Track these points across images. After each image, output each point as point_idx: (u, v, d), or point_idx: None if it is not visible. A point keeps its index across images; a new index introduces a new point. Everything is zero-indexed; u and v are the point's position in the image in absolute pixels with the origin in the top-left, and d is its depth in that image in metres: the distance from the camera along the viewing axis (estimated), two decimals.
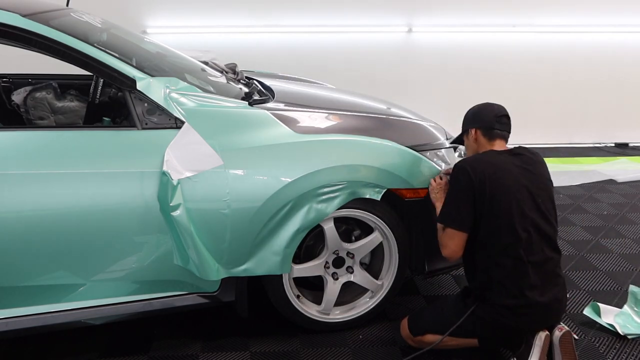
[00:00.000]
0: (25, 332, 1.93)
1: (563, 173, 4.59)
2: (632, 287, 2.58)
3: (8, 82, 3.01)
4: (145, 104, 1.95)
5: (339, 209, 2.12)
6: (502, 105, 2.15)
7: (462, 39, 5.13)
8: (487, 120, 2.10)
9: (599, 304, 2.48)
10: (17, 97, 3.00)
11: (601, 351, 2.25)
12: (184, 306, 2.08)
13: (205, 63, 2.79)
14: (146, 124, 1.95)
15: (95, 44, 1.97)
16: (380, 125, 2.40)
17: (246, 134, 2.05)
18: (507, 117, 2.12)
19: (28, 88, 3.01)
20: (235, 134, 2.03)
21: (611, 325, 2.37)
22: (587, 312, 2.46)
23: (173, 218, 1.85)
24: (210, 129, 1.99)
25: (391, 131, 2.36)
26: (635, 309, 2.48)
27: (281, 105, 2.33)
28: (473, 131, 2.13)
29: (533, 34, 5.18)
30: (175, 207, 1.86)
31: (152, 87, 1.96)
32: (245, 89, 2.47)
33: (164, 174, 1.86)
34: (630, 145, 5.54)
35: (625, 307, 2.50)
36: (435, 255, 2.36)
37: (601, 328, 2.39)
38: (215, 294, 2.10)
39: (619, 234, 3.39)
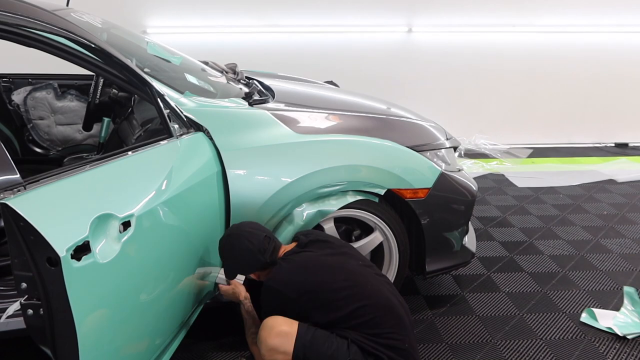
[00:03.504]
0: (25, 332, 1.93)
1: (563, 173, 4.60)
2: (626, 288, 2.59)
3: (8, 82, 3.01)
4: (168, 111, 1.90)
5: (339, 209, 2.13)
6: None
7: (462, 39, 5.13)
8: (254, 261, 1.84)
9: (594, 309, 2.49)
10: (17, 97, 3.01)
11: (601, 351, 2.25)
12: None
13: (206, 63, 2.79)
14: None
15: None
16: (380, 126, 2.40)
17: (246, 134, 2.04)
18: (267, 236, 1.87)
19: (28, 88, 3.02)
20: (235, 134, 2.03)
21: (610, 328, 2.37)
22: (584, 318, 2.45)
23: None
24: (210, 129, 1.99)
25: (391, 131, 2.36)
26: (632, 308, 2.48)
27: (281, 106, 2.33)
28: (253, 275, 1.93)
29: (533, 34, 5.18)
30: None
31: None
32: (245, 89, 2.47)
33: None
34: (630, 145, 5.55)
35: (622, 308, 2.50)
36: (435, 255, 2.37)
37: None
38: (215, 294, 2.11)
39: (619, 234, 3.39)
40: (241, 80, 2.69)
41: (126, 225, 1.48)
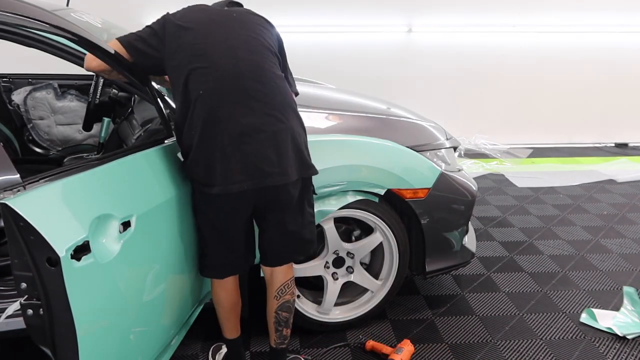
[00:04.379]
0: (25, 332, 1.93)
1: (563, 173, 4.60)
2: (626, 288, 2.59)
3: (8, 82, 3.01)
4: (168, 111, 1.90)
5: (339, 208, 2.13)
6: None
7: (462, 39, 5.13)
8: None
9: (594, 309, 2.49)
10: (17, 97, 3.01)
11: (601, 351, 2.25)
12: None
13: None
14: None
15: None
16: (381, 126, 2.40)
17: None
18: None
19: (28, 88, 3.01)
20: None
21: (610, 328, 2.37)
22: (584, 319, 2.45)
23: None
24: None
25: (391, 131, 2.36)
26: (632, 308, 2.48)
27: None
28: None
29: (533, 34, 5.18)
30: None
31: None
32: None
33: None
34: (630, 145, 5.55)
35: (622, 308, 2.50)
36: (435, 255, 2.37)
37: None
38: None
39: (619, 234, 3.39)
40: None
41: (126, 225, 1.47)
